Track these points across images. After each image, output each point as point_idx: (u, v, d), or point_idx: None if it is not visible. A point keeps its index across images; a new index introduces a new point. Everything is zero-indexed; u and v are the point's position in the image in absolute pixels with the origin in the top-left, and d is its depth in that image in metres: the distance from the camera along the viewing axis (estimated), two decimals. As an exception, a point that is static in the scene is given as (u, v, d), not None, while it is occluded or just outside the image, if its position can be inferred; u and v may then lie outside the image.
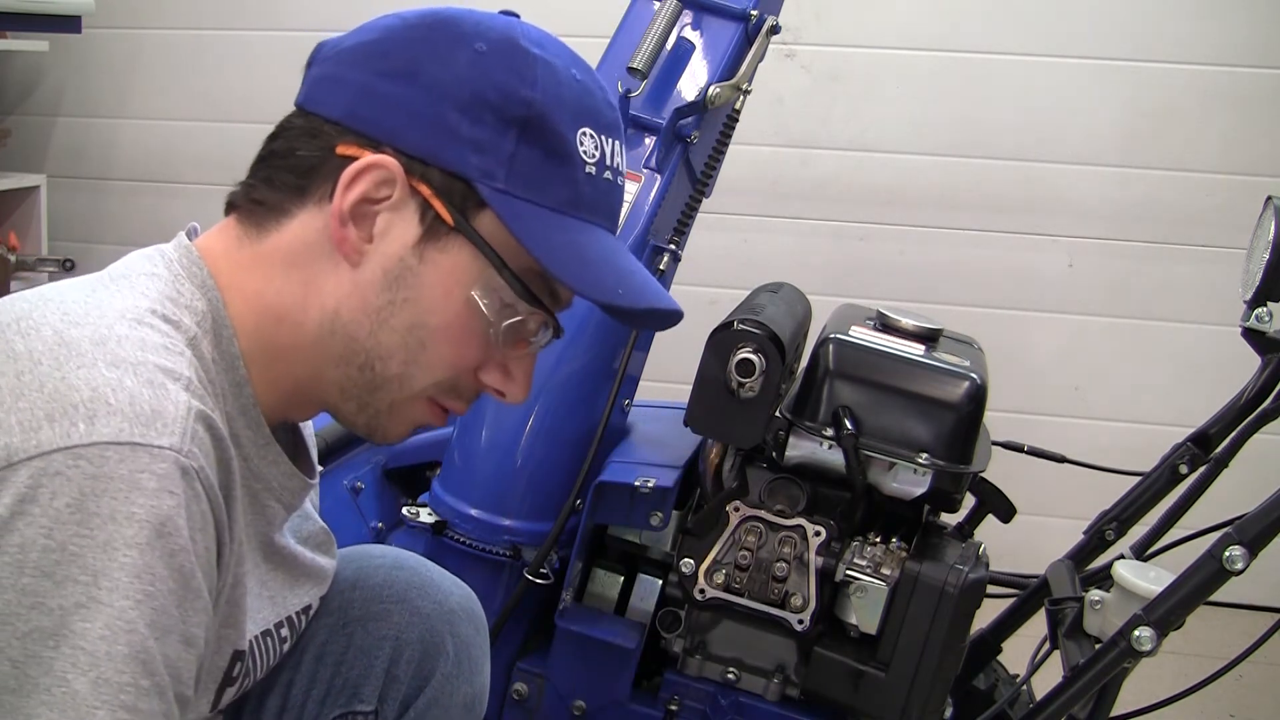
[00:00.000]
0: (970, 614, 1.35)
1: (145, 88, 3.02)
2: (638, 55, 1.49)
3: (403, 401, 0.85)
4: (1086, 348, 2.70)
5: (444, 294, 0.81)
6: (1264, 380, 1.45)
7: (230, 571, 0.79)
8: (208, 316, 0.80)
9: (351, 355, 0.83)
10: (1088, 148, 2.61)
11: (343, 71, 0.82)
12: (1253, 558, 1.19)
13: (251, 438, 0.83)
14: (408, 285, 0.81)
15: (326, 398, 0.86)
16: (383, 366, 0.83)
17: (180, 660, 0.69)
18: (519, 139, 0.80)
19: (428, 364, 0.83)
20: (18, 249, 2.73)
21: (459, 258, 0.81)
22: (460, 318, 0.82)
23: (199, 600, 0.70)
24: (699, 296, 2.50)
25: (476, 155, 0.79)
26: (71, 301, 0.74)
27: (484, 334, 0.83)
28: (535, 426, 1.49)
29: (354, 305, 0.81)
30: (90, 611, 0.64)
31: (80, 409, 0.66)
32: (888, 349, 1.41)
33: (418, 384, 0.84)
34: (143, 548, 0.66)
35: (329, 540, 1.03)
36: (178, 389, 0.71)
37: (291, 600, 0.95)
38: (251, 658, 0.89)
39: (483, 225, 0.81)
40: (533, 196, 0.81)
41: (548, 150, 0.81)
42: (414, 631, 1.06)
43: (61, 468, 0.65)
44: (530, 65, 0.81)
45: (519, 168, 0.80)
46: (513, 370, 0.87)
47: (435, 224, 0.80)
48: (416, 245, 0.80)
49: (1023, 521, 1.51)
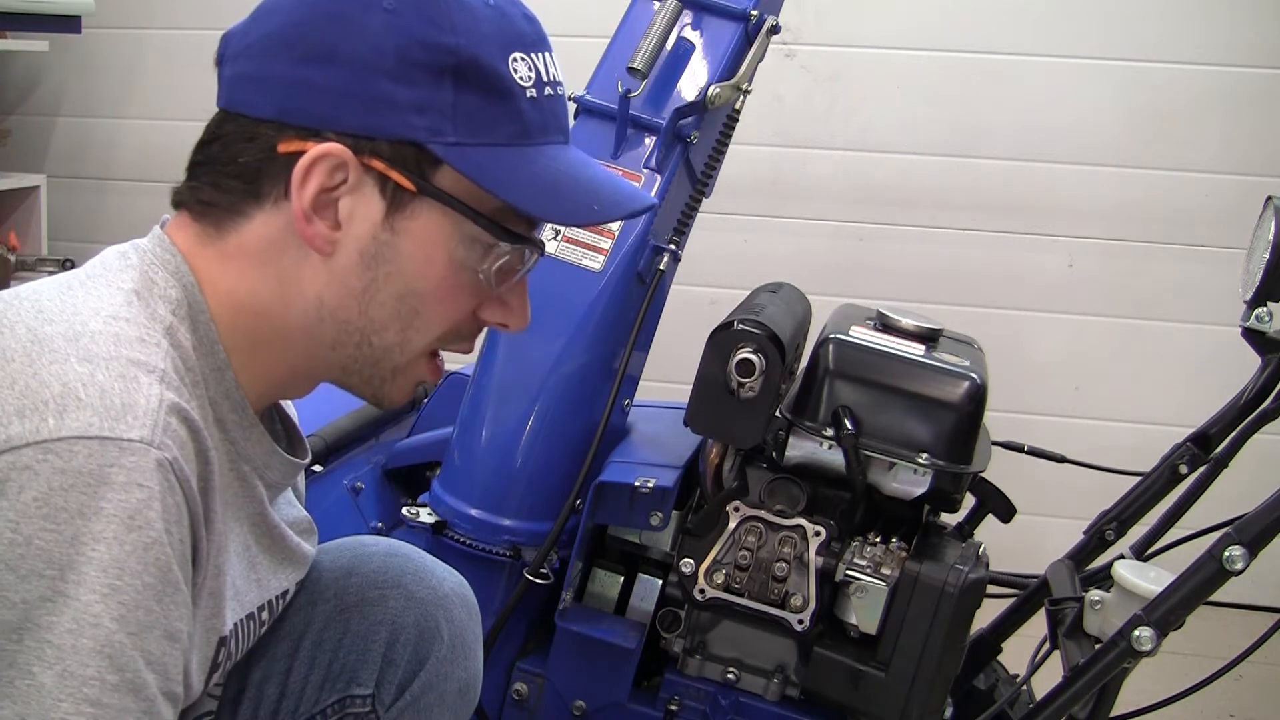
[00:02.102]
0: (970, 614, 1.35)
1: (145, 88, 3.02)
2: (638, 55, 1.49)
3: (405, 365, 0.86)
4: (1086, 348, 2.70)
5: (425, 259, 0.81)
6: (1264, 380, 1.44)
7: (210, 562, 0.79)
8: (183, 304, 0.80)
9: (346, 336, 0.83)
10: (1088, 148, 2.61)
11: (260, 67, 0.79)
12: (1253, 558, 1.19)
13: (236, 420, 0.83)
14: (387, 260, 0.81)
15: (328, 375, 0.87)
16: (380, 339, 0.83)
17: (165, 656, 0.69)
18: (455, 88, 0.79)
19: (424, 326, 0.84)
20: (18, 249, 2.74)
21: (430, 220, 0.81)
22: (447, 277, 0.82)
23: (178, 594, 0.70)
24: (699, 296, 2.50)
25: (418, 116, 0.78)
26: (46, 299, 0.75)
27: (473, 282, 0.84)
28: (535, 426, 1.49)
29: (337, 291, 0.81)
30: (56, 606, 0.64)
31: (50, 404, 0.67)
32: (888, 349, 1.41)
33: (418, 346, 0.85)
34: (110, 542, 0.66)
35: (311, 529, 1.03)
36: (150, 381, 0.71)
37: (273, 583, 0.95)
38: (235, 641, 0.89)
39: (444, 181, 0.80)
40: (483, 139, 0.80)
41: (486, 89, 0.80)
42: (409, 616, 1.07)
43: (30, 462, 0.65)
44: (444, 9, 0.79)
45: (463, 115, 0.79)
46: (509, 301, 0.87)
47: (397, 194, 0.80)
48: (385, 220, 0.80)
49: (1023, 521, 1.51)
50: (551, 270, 1.49)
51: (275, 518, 0.93)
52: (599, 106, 1.56)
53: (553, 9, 2.88)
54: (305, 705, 1.06)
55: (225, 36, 0.83)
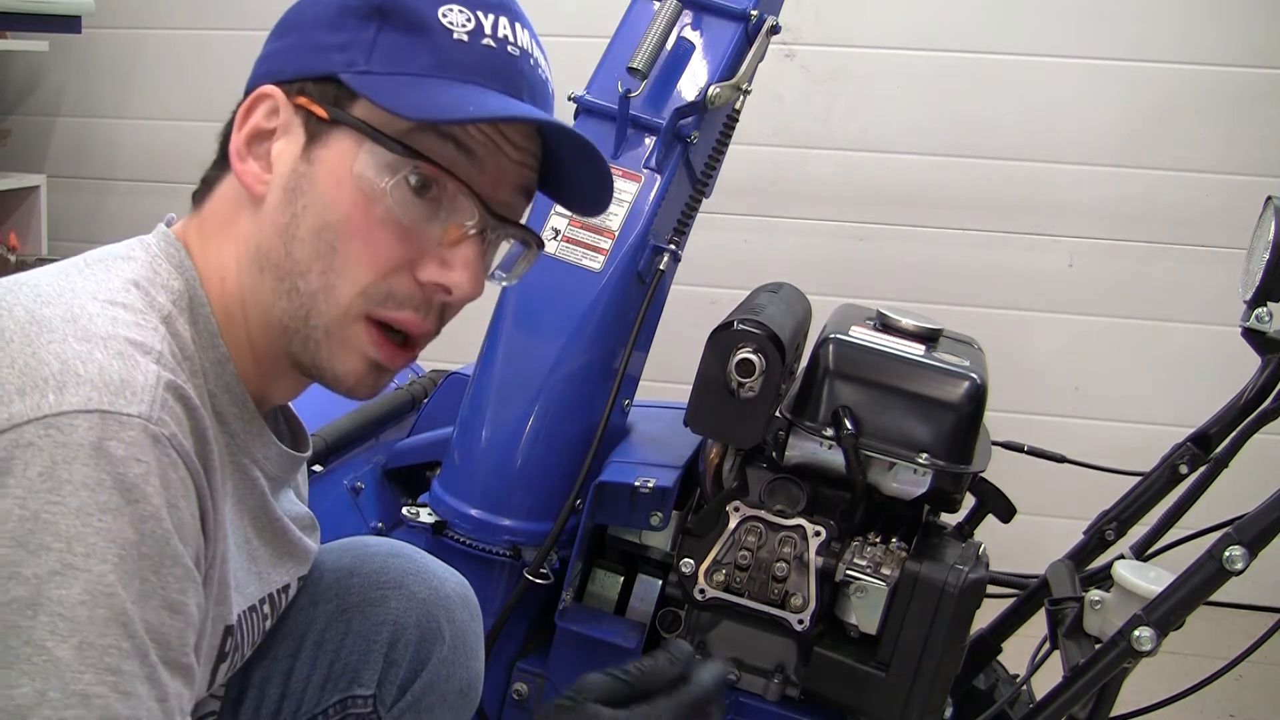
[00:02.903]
0: (970, 614, 1.35)
1: (146, 88, 3.02)
2: (638, 55, 1.49)
3: (337, 323, 0.82)
4: (1086, 348, 2.70)
5: (335, 183, 0.81)
6: (1264, 380, 1.44)
7: (218, 543, 0.79)
8: (184, 295, 0.81)
9: (279, 285, 0.82)
10: (1088, 148, 2.62)
11: (261, 52, 0.88)
12: (1253, 558, 1.19)
13: (237, 414, 0.84)
14: (304, 192, 0.82)
15: (288, 348, 0.84)
16: (305, 284, 0.82)
17: (165, 627, 0.69)
18: (379, 27, 0.82)
19: (344, 267, 0.81)
20: (18, 249, 2.74)
21: (341, 145, 0.82)
22: (357, 204, 0.81)
23: (177, 567, 0.70)
24: (699, 296, 2.50)
25: (340, 54, 0.82)
26: (45, 284, 0.76)
27: (392, 221, 0.81)
28: (535, 426, 1.49)
29: (267, 234, 0.83)
30: (66, 578, 0.65)
31: (50, 381, 0.67)
32: (888, 349, 1.41)
33: (343, 294, 0.82)
34: (114, 513, 0.66)
35: (314, 525, 1.04)
36: (148, 361, 0.72)
37: (274, 576, 0.95)
38: (240, 632, 0.89)
39: (357, 111, 0.82)
40: (396, 69, 0.82)
41: (408, 27, 0.82)
42: (411, 616, 1.07)
43: (33, 438, 0.66)
44: None
45: (380, 50, 0.82)
46: (450, 259, 0.83)
47: (315, 125, 0.82)
48: (304, 152, 0.82)
49: (1023, 521, 1.51)
50: (551, 270, 1.49)
51: (277, 510, 0.93)
52: (599, 106, 1.56)
53: (553, 9, 2.89)
54: (307, 705, 1.06)
55: None
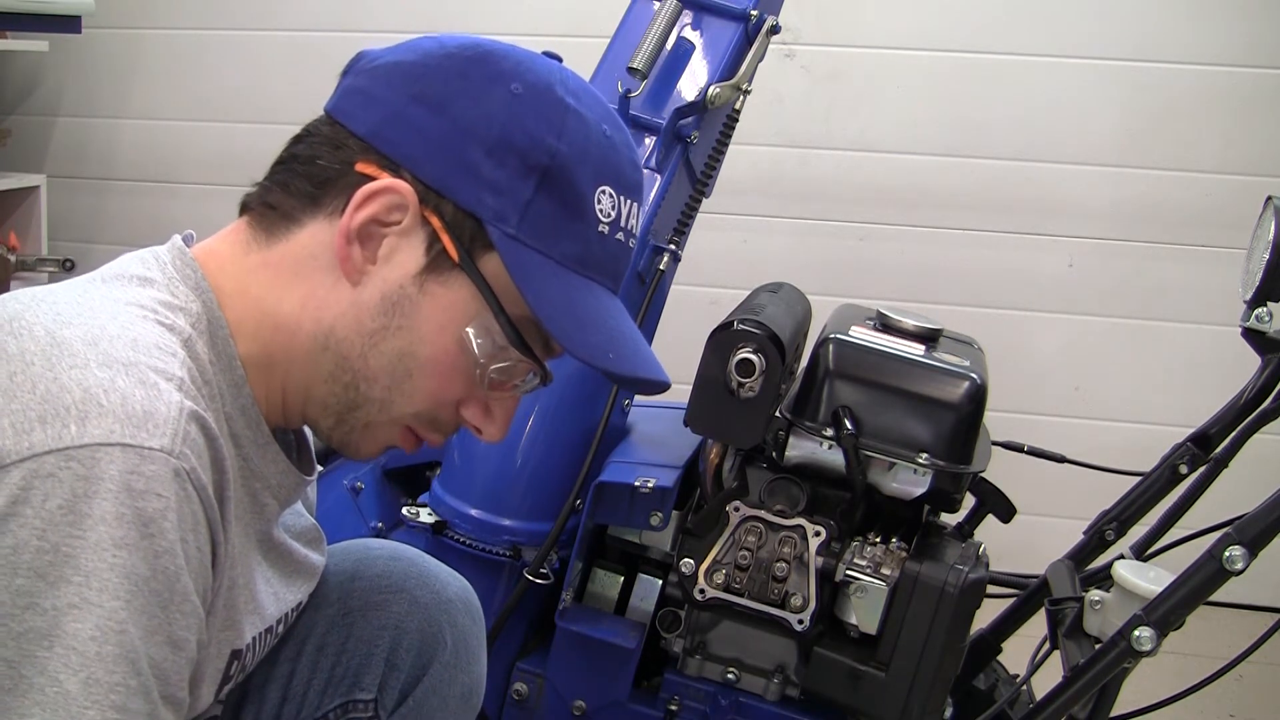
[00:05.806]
0: (970, 614, 1.35)
1: (145, 88, 3.02)
2: (638, 55, 1.49)
3: (379, 424, 0.86)
4: (1086, 348, 2.70)
5: (438, 328, 0.82)
6: (1264, 380, 1.44)
7: (225, 573, 0.79)
8: (202, 318, 0.80)
9: (340, 373, 0.83)
10: (1088, 148, 2.61)
11: (376, 88, 0.82)
12: (1253, 558, 1.19)
13: (251, 436, 0.84)
14: (404, 313, 0.81)
15: (309, 411, 0.86)
16: (367, 388, 0.83)
17: (167, 662, 0.69)
18: (538, 187, 0.80)
19: (410, 393, 0.84)
20: (18, 249, 2.73)
21: (458, 294, 0.81)
22: (449, 353, 0.83)
23: (186, 604, 0.70)
24: (699, 296, 2.50)
25: (492, 196, 0.80)
26: (64, 302, 0.75)
27: (470, 372, 0.84)
28: (535, 426, 1.49)
29: (349, 324, 0.82)
30: (82, 612, 0.65)
31: (72, 410, 0.67)
32: (888, 349, 1.41)
33: (397, 410, 0.85)
34: (130, 548, 0.66)
35: (319, 537, 1.04)
36: (170, 388, 0.71)
37: (288, 596, 0.96)
38: (249, 654, 0.90)
39: (487, 267, 0.81)
40: (541, 246, 0.81)
41: (564, 203, 0.81)
42: (413, 621, 1.07)
43: (54, 469, 0.65)
44: (562, 115, 0.81)
45: (533, 216, 0.80)
46: (494, 410, 0.88)
47: (440, 257, 0.81)
48: (418, 275, 0.81)
49: (1023, 521, 1.51)
50: (551, 270, 1.49)
51: (280, 535, 0.93)
52: (599, 106, 1.55)
53: (553, 9, 2.89)
54: (308, 709, 1.06)
55: (361, 52, 0.86)
